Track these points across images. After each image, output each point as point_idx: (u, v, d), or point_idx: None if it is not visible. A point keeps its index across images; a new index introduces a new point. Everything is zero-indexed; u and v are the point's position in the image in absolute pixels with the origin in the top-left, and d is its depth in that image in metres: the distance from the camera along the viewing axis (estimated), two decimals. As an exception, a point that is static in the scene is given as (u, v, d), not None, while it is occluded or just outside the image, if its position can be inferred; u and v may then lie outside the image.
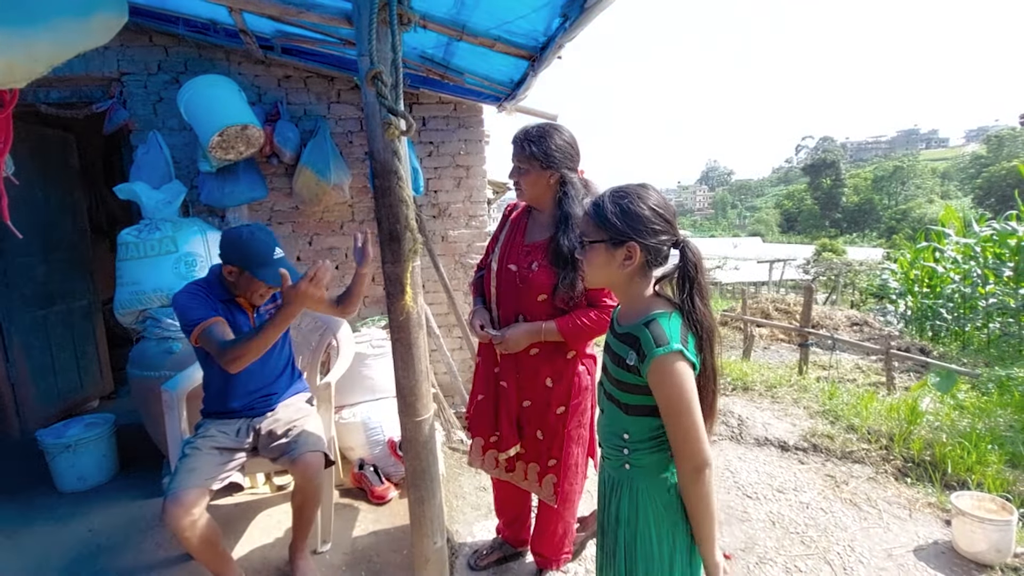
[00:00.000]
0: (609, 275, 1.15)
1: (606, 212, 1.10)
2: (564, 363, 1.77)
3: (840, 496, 2.70)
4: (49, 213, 3.43)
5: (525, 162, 1.67)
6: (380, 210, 1.15)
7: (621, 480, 1.21)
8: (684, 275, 1.10)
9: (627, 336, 1.13)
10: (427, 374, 1.28)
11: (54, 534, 2.29)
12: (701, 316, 1.10)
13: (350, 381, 2.66)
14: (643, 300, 1.15)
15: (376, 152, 1.13)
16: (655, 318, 1.09)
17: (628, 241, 1.09)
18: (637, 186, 1.13)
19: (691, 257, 1.10)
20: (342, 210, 3.17)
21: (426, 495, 1.35)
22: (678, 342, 1.05)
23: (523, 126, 1.72)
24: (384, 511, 2.41)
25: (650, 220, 1.09)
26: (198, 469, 1.73)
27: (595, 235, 1.13)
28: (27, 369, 3.18)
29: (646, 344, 1.06)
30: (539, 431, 1.79)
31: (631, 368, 1.10)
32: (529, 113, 2.95)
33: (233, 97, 2.62)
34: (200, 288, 1.85)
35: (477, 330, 1.75)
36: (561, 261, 1.65)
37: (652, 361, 1.05)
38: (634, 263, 1.11)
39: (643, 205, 1.09)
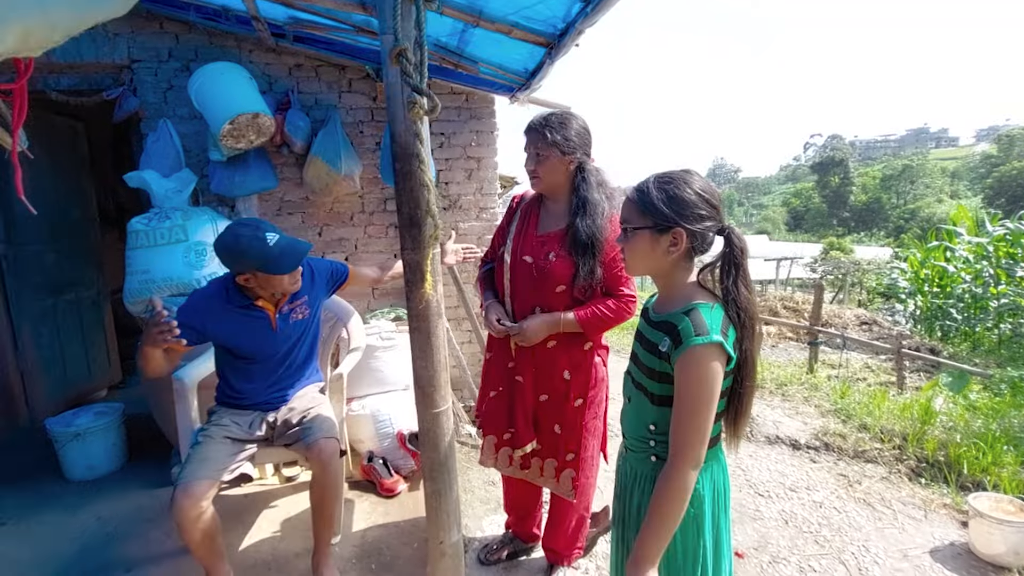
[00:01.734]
0: (653, 262, 1.12)
1: (651, 197, 1.08)
2: (582, 354, 1.74)
3: (853, 496, 2.67)
4: (58, 201, 3.42)
5: (545, 148, 1.64)
6: (400, 195, 1.12)
7: (645, 473, 1.19)
8: (730, 262, 1.07)
9: (663, 324, 1.11)
10: (446, 364, 1.26)
11: (63, 523, 2.29)
12: (745, 304, 1.07)
13: (359, 373, 2.64)
14: (685, 288, 1.12)
15: (397, 134, 1.10)
16: (696, 307, 1.06)
17: (674, 227, 1.06)
18: (682, 171, 1.11)
19: (737, 243, 1.08)
20: (352, 201, 3.14)
21: (443, 488, 1.33)
22: (718, 334, 1.02)
23: (538, 113, 1.69)
24: (393, 504, 2.39)
25: (696, 205, 1.06)
26: (210, 459, 1.71)
27: (639, 221, 1.10)
28: (36, 358, 3.18)
29: (684, 331, 1.03)
30: (557, 425, 1.76)
31: (663, 355, 1.08)
32: (542, 104, 2.91)
33: (245, 85, 2.59)
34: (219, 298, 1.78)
35: (493, 324, 1.72)
36: (580, 248, 1.63)
37: (686, 349, 1.02)
38: (679, 250, 1.08)
39: (689, 190, 1.07)
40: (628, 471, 1.25)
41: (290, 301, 1.88)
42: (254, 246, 1.64)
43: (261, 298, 1.80)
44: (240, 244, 1.65)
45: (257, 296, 1.80)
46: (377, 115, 3.10)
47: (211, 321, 1.76)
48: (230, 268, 1.72)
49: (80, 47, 2.72)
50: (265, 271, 1.68)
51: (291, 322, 1.90)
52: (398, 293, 3.31)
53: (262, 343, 1.85)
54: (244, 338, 1.82)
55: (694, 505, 1.11)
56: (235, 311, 1.79)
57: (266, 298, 1.81)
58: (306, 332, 1.98)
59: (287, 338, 1.91)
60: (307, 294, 1.93)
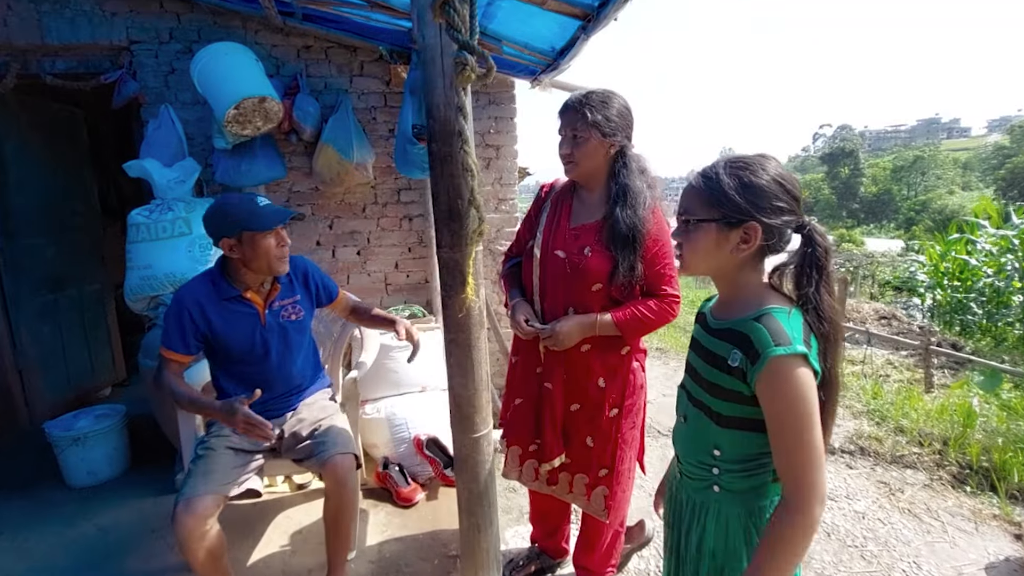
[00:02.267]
0: (717, 261, 0.95)
1: (722, 185, 0.91)
2: (618, 359, 1.58)
3: (897, 505, 2.51)
4: (57, 193, 3.28)
5: (584, 130, 1.47)
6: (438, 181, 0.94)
7: (706, 504, 1.03)
8: (812, 263, 0.91)
9: (729, 333, 0.94)
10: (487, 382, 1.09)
11: (61, 534, 2.16)
12: (829, 313, 0.90)
13: (374, 374, 2.49)
14: (753, 291, 0.96)
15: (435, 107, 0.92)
16: (770, 312, 0.90)
17: (747, 221, 0.90)
18: (757, 155, 0.94)
19: (820, 241, 0.91)
20: (364, 192, 2.98)
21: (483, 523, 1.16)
22: (801, 344, 0.86)
23: (577, 92, 1.52)
24: (411, 515, 2.25)
25: (775, 195, 0.90)
26: (213, 472, 1.57)
27: (704, 213, 0.94)
28: (36, 356, 3.05)
29: (760, 342, 0.87)
30: (589, 437, 1.60)
31: (733, 371, 0.92)
32: (566, 88, 2.72)
33: (251, 67, 2.42)
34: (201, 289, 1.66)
35: (521, 325, 1.55)
36: (619, 242, 1.47)
37: (767, 363, 0.85)
38: (751, 247, 0.92)
39: (766, 176, 0.90)
40: (684, 501, 1.09)
41: (281, 297, 1.75)
42: (242, 205, 1.61)
43: (249, 289, 1.69)
44: (228, 204, 1.62)
45: (245, 285, 1.68)
46: (391, 100, 2.93)
47: (203, 317, 1.65)
48: (216, 235, 1.61)
49: (75, 27, 2.56)
50: (250, 228, 1.58)
51: (282, 320, 1.75)
52: (412, 289, 3.15)
53: (251, 339, 1.71)
54: (232, 333, 1.68)
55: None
56: (222, 304, 1.67)
57: (255, 286, 1.70)
58: (301, 336, 1.83)
59: (279, 338, 1.76)
60: (300, 294, 1.81)
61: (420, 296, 3.15)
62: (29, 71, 2.65)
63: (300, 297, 1.81)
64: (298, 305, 1.80)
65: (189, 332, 1.63)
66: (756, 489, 0.98)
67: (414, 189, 3.04)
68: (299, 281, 1.82)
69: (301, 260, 1.86)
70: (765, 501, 0.98)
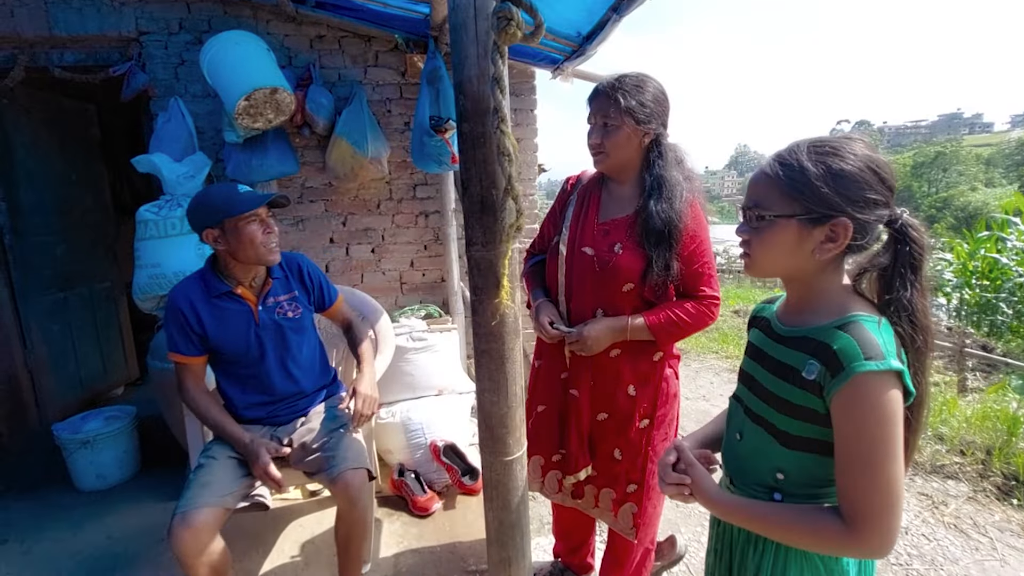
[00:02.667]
0: (795, 262, 0.83)
1: (806, 174, 0.77)
2: (650, 366, 1.46)
3: (942, 520, 2.36)
4: (69, 189, 3.22)
5: (616, 117, 1.34)
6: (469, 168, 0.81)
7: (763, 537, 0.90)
8: (907, 264, 0.78)
9: (804, 341, 0.82)
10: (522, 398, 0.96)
11: (69, 540, 2.09)
12: (924, 322, 0.78)
13: (388, 377, 2.38)
14: (835, 296, 0.83)
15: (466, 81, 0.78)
16: (858, 320, 0.77)
17: (835, 216, 0.77)
18: (843, 138, 0.80)
19: (916, 237, 0.78)
20: (379, 187, 2.88)
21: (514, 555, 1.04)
22: (895, 359, 0.74)
23: (608, 76, 1.38)
24: (428, 525, 2.15)
25: (868, 185, 0.77)
26: (212, 483, 1.47)
27: (782, 207, 0.80)
28: (46, 356, 3.00)
29: (846, 354, 0.75)
30: (617, 450, 1.48)
31: (807, 384, 0.79)
32: (589, 79, 2.59)
33: (262, 56, 2.32)
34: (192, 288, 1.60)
35: (546, 327, 1.43)
36: (653, 238, 1.34)
37: (853, 379, 0.73)
38: (838, 247, 0.79)
39: (858, 163, 0.77)
40: (734, 529, 0.96)
41: (275, 293, 1.66)
42: (222, 190, 1.55)
43: (240, 284, 1.61)
44: (206, 194, 1.57)
45: (236, 281, 1.60)
46: (406, 92, 2.82)
47: (196, 317, 1.58)
48: (200, 228, 1.54)
49: (84, 18, 2.48)
50: (231, 212, 1.50)
51: (277, 318, 1.65)
52: (428, 288, 3.05)
53: (246, 339, 1.61)
54: (224, 333, 1.59)
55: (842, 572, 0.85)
56: (212, 302, 1.59)
57: (246, 281, 1.62)
58: (300, 335, 1.72)
59: (276, 338, 1.66)
60: (297, 291, 1.71)
61: (436, 295, 3.04)
62: (37, 64, 2.58)
63: (297, 294, 1.71)
64: (295, 302, 1.70)
65: (189, 333, 1.56)
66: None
67: (430, 184, 2.93)
68: (295, 277, 1.73)
69: (297, 256, 1.78)
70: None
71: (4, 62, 2.58)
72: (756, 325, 0.98)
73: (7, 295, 2.88)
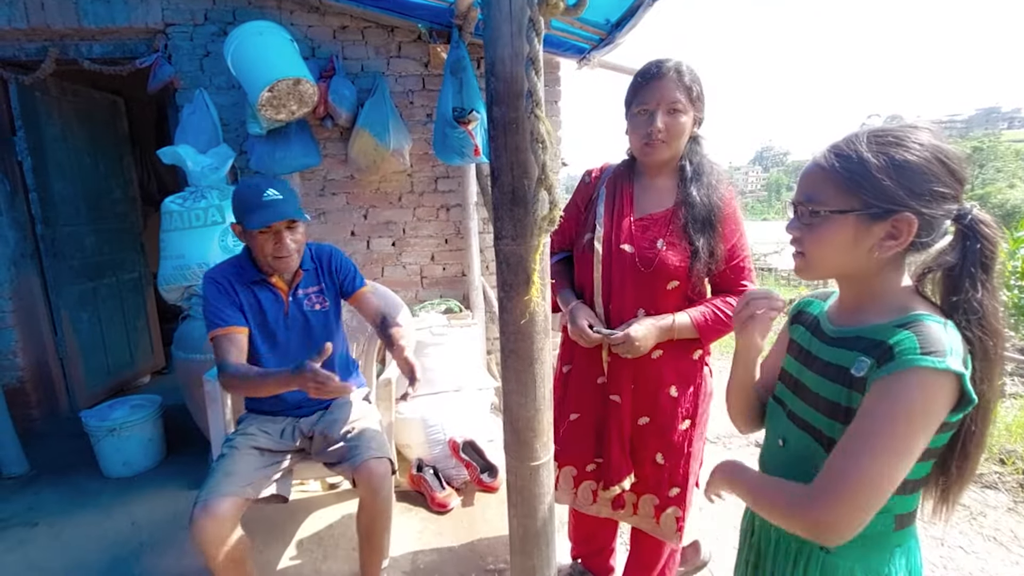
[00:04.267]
0: (852, 260, 0.76)
1: (867, 166, 0.71)
2: (691, 365, 1.40)
3: (980, 531, 2.25)
4: (98, 181, 3.28)
5: (685, 102, 1.26)
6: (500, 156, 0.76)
7: (805, 551, 0.84)
8: (976, 263, 0.71)
9: (858, 340, 0.76)
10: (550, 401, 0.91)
11: (97, 525, 2.13)
12: (996, 325, 0.71)
13: (408, 372, 2.37)
14: (894, 297, 0.77)
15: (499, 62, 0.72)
16: (922, 319, 0.71)
17: (899, 211, 0.70)
18: (907, 126, 0.73)
19: (987, 234, 0.71)
20: (400, 180, 2.85)
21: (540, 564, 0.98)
22: (959, 361, 0.67)
23: (655, 60, 1.29)
24: (446, 522, 2.13)
25: (936, 178, 0.70)
26: (235, 474, 1.47)
27: (839, 201, 0.74)
28: (76, 344, 3.07)
29: (902, 347, 0.68)
30: (659, 454, 1.41)
31: (856, 383, 0.74)
32: (618, 69, 2.52)
33: (286, 47, 2.31)
34: (229, 271, 1.59)
35: (585, 331, 1.34)
36: (699, 224, 1.29)
37: (904, 370, 0.67)
38: (900, 244, 0.72)
39: (925, 153, 0.70)
40: (773, 539, 0.91)
41: (304, 285, 1.67)
42: (247, 195, 1.52)
43: (273, 274, 1.62)
44: (241, 189, 1.56)
45: (262, 265, 1.60)
46: (429, 83, 2.78)
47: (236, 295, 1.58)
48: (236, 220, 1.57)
49: (112, 10, 2.50)
50: (241, 223, 1.52)
51: (306, 310, 1.66)
52: (448, 282, 3.02)
53: (274, 328, 1.62)
54: (257, 317, 1.60)
55: None
56: (249, 287, 1.60)
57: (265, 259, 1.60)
58: (326, 328, 1.71)
59: (302, 329, 1.67)
60: (324, 283, 1.71)
61: (457, 290, 3.01)
62: (67, 56, 2.62)
63: (324, 286, 1.71)
64: (322, 294, 1.70)
65: (235, 303, 1.56)
66: (875, 539, 0.79)
67: (452, 177, 2.89)
68: (324, 269, 1.72)
69: (327, 247, 1.76)
70: (888, 566, 0.79)
71: (35, 54, 2.62)
72: (800, 322, 0.92)
73: (39, 284, 2.95)
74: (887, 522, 0.78)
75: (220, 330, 1.52)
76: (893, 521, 0.78)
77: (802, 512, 0.73)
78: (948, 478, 0.78)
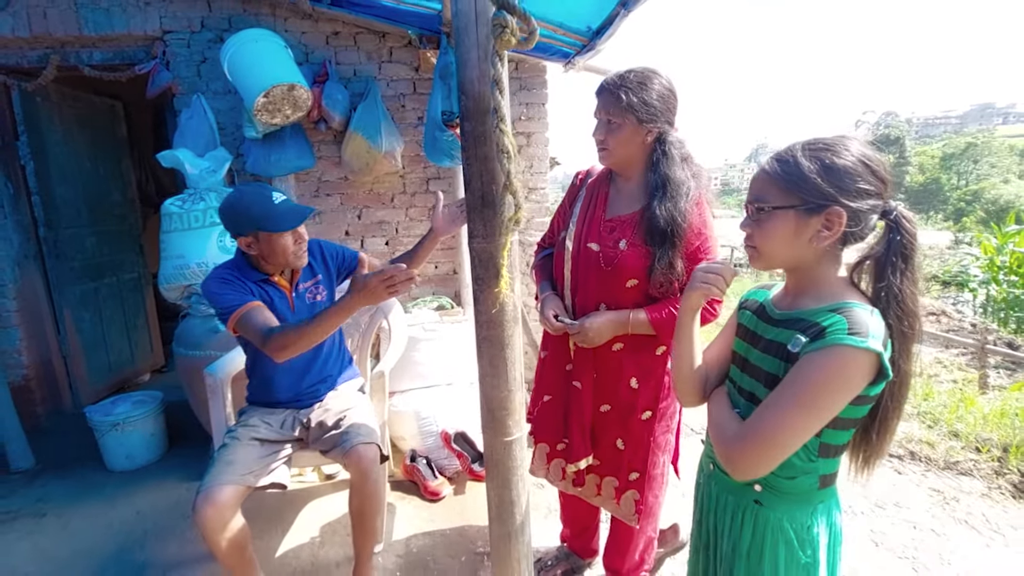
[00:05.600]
0: (794, 251, 0.88)
1: (801, 168, 0.84)
2: (652, 360, 1.49)
3: (952, 515, 2.35)
4: (98, 183, 3.36)
5: (618, 115, 1.36)
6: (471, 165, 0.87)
7: (742, 505, 0.96)
8: (898, 253, 0.83)
9: (797, 321, 0.88)
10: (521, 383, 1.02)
11: (103, 515, 2.22)
12: (912, 308, 0.83)
13: (400, 367, 2.46)
14: (831, 285, 0.89)
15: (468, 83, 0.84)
16: (851, 306, 0.82)
17: (830, 206, 0.83)
18: (837, 136, 0.86)
19: (907, 227, 0.84)
20: (392, 181, 2.94)
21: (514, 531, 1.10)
22: (880, 343, 0.78)
23: (614, 72, 1.40)
24: (439, 509, 2.22)
25: (860, 177, 0.83)
26: (236, 463, 1.55)
27: (781, 199, 0.86)
28: (78, 343, 3.15)
29: (834, 330, 0.80)
30: (620, 440, 1.52)
31: (792, 357, 0.85)
32: (599, 73, 2.61)
33: (279, 54, 2.39)
34: (230, 271, 1.63)
35: (550, 320, 1.47)
36: (657, 236, 1.36)
37: (829, 345, 0.79)
38: (834, 235, 0.84)
39: (850, 157, 0.83)
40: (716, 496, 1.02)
41: (304, 279, 1.73)
42: (258, 202, 1.55)
43: (274, 274, 1.67)
44: (244, 200, 1.56)
45: (269, 272, 1.66)
46: (419, 87, 2.87)
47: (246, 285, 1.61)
48: (233, 231, 1.59)
49: (111, 18, 2.58)
50: (266, 228, 1.54)
51: (308, 303, 1.74)
52: (440, 280, 3.11)
53: (284, 320, 1.68)
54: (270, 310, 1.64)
55: (806, 552, 0.90)
56: (252, 285, 1.64)
57: (277, 272, 1.67)
58: None
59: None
60: (320, 274, 1.79)
61: (449, 287, 3.11)
62: (68, 63, 2.70)
63: (321, 277, 1.79)
64: (319, 285, 1.78)
65: (245, 289, 1.58)
66: (801, 496, 0.91)
67: (443, 178, 2.98)
68: (318, 262, 1.80)
69: (314, 241, 1.81)
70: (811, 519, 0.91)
71: (37, 61, 2.70)
72: (747, 308, 1.03)
73: (42, 285, 3.03)
74: (812, 482, 0.89)
75: (241, 308, 1.50)
76: (818, 481, 0.90)
77: (725, 446, 0.88)
78: (869, 444, 0.89)
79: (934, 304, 8.35)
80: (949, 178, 46.50)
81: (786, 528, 0.91)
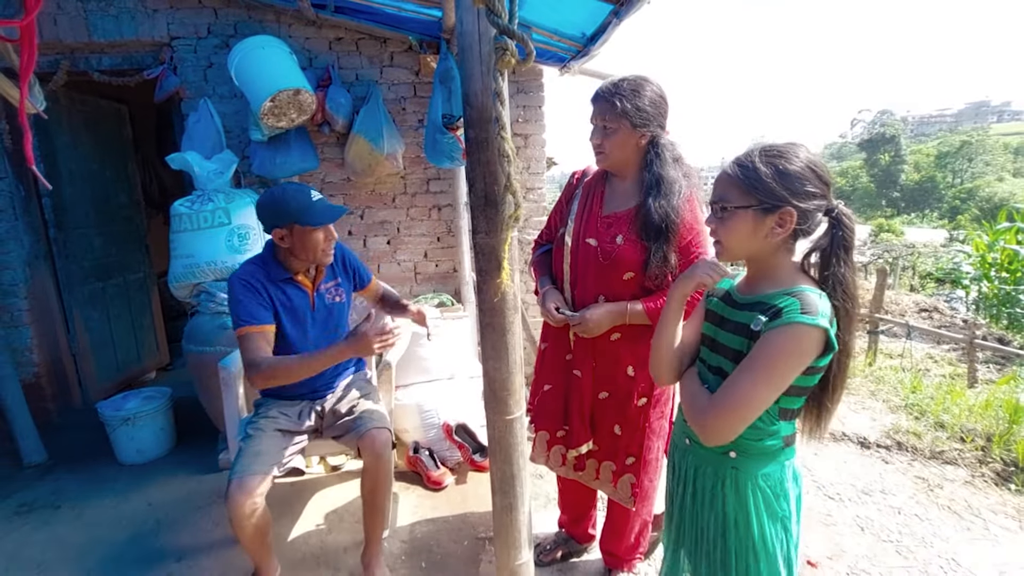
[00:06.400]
0: (753, 245, 1.00)
1: (758, 173, 0.95)
2: (648, 349, 1.58)
3: (936, 501, 2.44)
4: (105, 185, 3.43)
5: (613, 120, 1.46)
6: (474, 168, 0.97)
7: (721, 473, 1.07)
8: (840, 245, 0.97)
9: (758, 304, 1.00)
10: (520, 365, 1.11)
11: (116, 507, 2.29)
12: (852, 291, 0.96)
13: (404, 361, 2.55)
14: (785, 272, 1.01)
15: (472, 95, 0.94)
16: (804, 290, 0.95)
17: (783, 206, 0.95)
18: (788, 143, 0.98)
19: (847, 223, 0.97)
20: (394, 182, 3.03)
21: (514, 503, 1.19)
22: (826, 320, 0.91)
23: (609, 80, 1.50)
24: (441, 497, 2.31)
25: (808, 181, 0.95)
26: (264, 453, 1.64)
27: (740, 200, 0.97)
28: (87, 341, 3.22)
29: (789, 310, 0.92)
30: (617, 426, 1.61)
31: (754, 335, 0.97)
32: (596, 76, 2.69)
33: (285, 60, 2.47)
34: (257, 271, 1.70)
35: (551, 312, 1.56)
36: (652, 232, 1.46)
37: (787, 323, 0.91)
38: (786, 231, 0.96)
39: (799, 163, 0.95)
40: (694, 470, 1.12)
41: (325, 281, 1.81)
42: (297, 197, 1.63)
43: (299, 272, 1.74)
44: (285, 195, 1.64)
45: (294, 269, 1.73)
46: (420, 91, 2.95)
47: (267, 294, 1.68)
48: (268, 223, 1.66)
49: (120, 24, 2.66)
50: (302, 222, 1.62)
51: (327, 303, 1.82)
52: (441, 278, 3.19)
53: (302, 321, 1.77)
54: (287, 313, 1.74)
55: (782, 506, 1.03)
56: (276, 285, 1.72)
57: (302, 271, 1.75)
58: (342, 319, 1.89)
59: (326, 321, 1.83)
60: (340, 277, 1.87)
61: (449, 285, 3.19)
62: (77, 68, 2.77)
63: (340, 280, 1.87)
64: (339, 288, 1.86)
65: (264, 303, 1.66)
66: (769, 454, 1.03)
67: (443, 179, 3.07)
68: (339, 265, 1.88)
69: (339, 246, 1.89)
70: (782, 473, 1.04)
71: (48, 67, 2.77)
72: (715, 295, 1.14)
73: (52, 284, 3.10)
74: (777, 442, 1.03)
75: (252, 327, 1.58)
76: (782, 440, 1.04)
77: (699, 415, 0.99)
78: (821, 408, 1.04)
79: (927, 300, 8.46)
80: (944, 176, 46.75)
81: (763, 486, 1.03)
